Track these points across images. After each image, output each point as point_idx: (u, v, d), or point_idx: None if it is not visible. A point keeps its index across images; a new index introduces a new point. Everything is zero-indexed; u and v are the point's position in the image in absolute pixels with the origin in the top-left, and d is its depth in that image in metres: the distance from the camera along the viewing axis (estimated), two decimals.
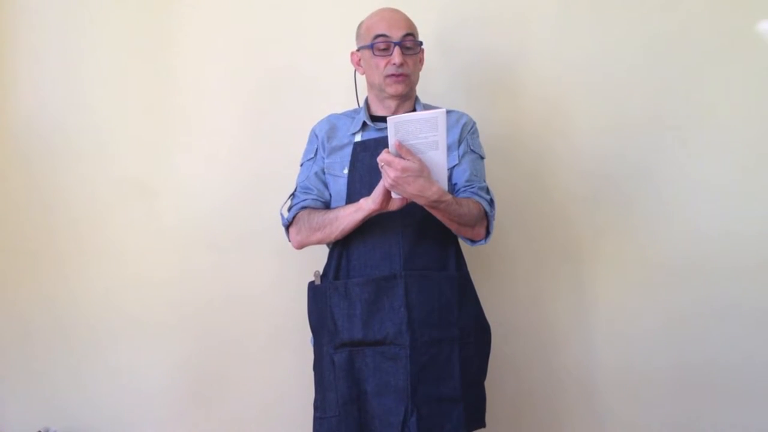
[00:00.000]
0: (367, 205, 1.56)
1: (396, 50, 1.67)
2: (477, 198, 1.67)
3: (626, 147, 2.12)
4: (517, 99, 2.14)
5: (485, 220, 1.69)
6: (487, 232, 1.71)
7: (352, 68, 1.81)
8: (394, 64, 1.67)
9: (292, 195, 1.77)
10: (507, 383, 2.10)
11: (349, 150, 1.71)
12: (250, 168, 2.14)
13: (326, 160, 1.74)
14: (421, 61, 1.77)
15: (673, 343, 2.11)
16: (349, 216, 1.60)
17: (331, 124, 1.78)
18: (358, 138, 1.72)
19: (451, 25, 2.13)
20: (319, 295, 1.70)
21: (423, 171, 1.48)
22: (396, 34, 1.67)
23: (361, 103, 1.81)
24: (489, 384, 1.77)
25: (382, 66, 1.69)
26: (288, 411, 2.09)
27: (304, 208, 1.71)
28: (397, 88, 1.70)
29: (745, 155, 2.10)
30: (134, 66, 2.13)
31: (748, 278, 2.09)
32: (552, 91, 2.13)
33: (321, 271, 1.75)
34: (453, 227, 1.63)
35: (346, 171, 1.70)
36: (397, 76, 1.68)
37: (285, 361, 2.11)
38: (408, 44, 1.69)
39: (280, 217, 1.76)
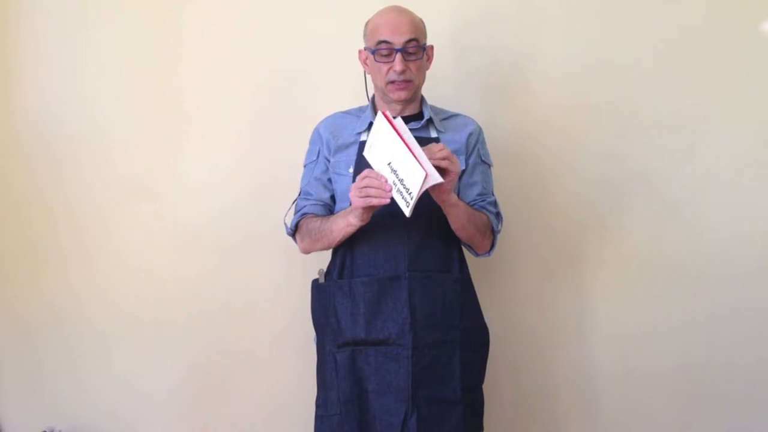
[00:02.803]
0: (355, 221, 1.57)
1: (398, 57, 1.64)
2: (485, 212, 1.72)
3: (631, 149, 2.12)
4: (524, 101, 2.13)
5: (492, 234, 1.73)
6: (492, 245, 1.74)
7: (357, 70, 1.79)
8: (395, 71, 1.65)
9: (295, 201, 1.79)
10: (506, 386, 2.11)
11: (354, 149, 1.71)
12: (253, 169, 2.13)
13: (332, 159, 1.74)
14: (430, 59, 1.75)
15: (674, 346, 2.11)
16: (341, 230, 1.62)
17: (336, 122, 1.78)
18: (364, 137, 1.72)
19: (461, 26, 2.11)
20: (322, 294, 1.71)
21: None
22: (398, 40, 1.64)
23: (370, 99, 1.80)
24: (487, 387, 1.76)
25: (385, 71, 1.67)
26: (293, 411, 2.08)
27: (304, 215, 1.73)
28: (399, 95, 1.69)
29: (749, 157, 2.09)
30: (137, 67, 2.13)
31: (750, 281, 2.09)
32: (558, 93, 2.12)
33: (325, 269, 1.75)
34: (470, 230, 1.64)
35: (351, 170, 1.69)
36: (399, 83, 1.67)
37: (289, 362, 2.11)
38: (411, 50, 1.66)
39: (283, 223, 1.78)
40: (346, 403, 1.63)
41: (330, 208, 1.75)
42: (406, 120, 1.72)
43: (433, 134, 1.73)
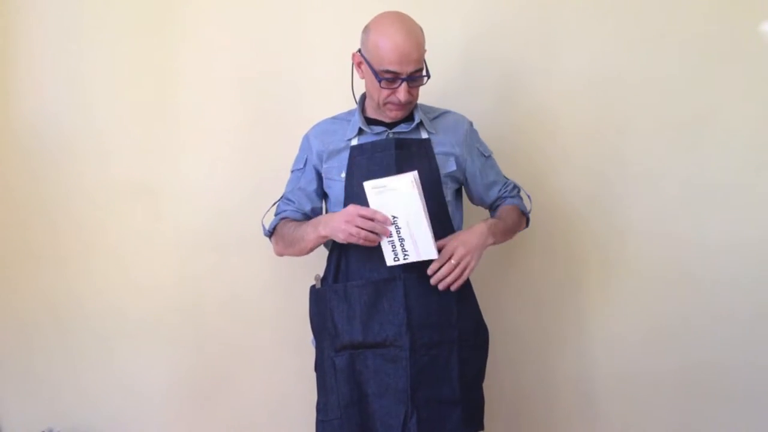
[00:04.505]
0: (327, 235, 1.61)
1: (404, 87, 1.60)
2: (509, 201, 1.80)
3: (628, 150, 2.10)
4: (519, 100, 2.12)
5: (524, 216, 1.84)
6: (527, 223, 1.86)
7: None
8: (399, 99, 1.62)
9: (276, 203, 1.81)
10: (505, 386, 2.11)
11: (345, 154, 1.70)
12: (251, 170, 2.13)
13: (324, 165, 1.73)
14: None
15: (674, 347, 2.11)
16: (312, 241, 1.66)
17: (326, 129, 1.77)
18: (354, 142, 1.71)
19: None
20: (319, 299, 1.71)
21: (468, 243, 1.60)
22: (406, 70, 1.58)
23: (357, 99, 1.79)
24: (488, 387, 1.77)
25: (386, 95, 1.64)
26: (290, 412, 2.10)
27: (283, 218, 1.75)
28: (396, 115, 1.68)
29: (749, 158, 2.07)
30: (136, 67, 2.12)
31: (749, 282, 2.08)
32: (554, 93, 2.10)
33: (322, 274, 1.76)
34: (512, 235, 1.77)
35: (343, 175, 1.69)
36: (398, 104, 1.65)
37: (286, 363, 2.12)
38: (416, 76, 1.61)
39: (261, 224, 1.79)
40: (347, 407, 1.63)
41: (310, 218, 1.76)
42: (397, 122, 1.73)
43: (424, 135, 1.72)
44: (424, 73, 1.64)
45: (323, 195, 1.79)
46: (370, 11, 1.68)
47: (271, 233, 1.78)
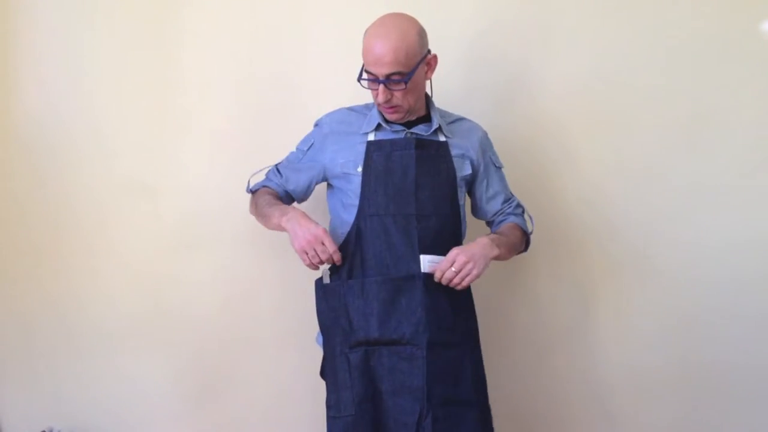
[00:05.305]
0: (287, 227, 1.63)
1: (381, 88, 1.62)
2: (513, 219, 1.80)
3: (628, 150, 2.12)
4: (519, 101, 2.13)
5: (526, 236, 1.81)
6: (526, 246, 1.84)
7: (356, 70, 1.75)
8: (378, 100, 1.65)
9: (269, 169, 1.83)
10: (513, 387, 2.13)
11: (361, 148, 1.70)
12: (252, 168, 2.07)
13: (333, 146, 1.73)
14: (431, 68, 1.70)
15: (676, 345, 2.14)
16: (274, 225, 1.70)
17: (342, 118, 1.76)
18: (371, 137, 1.71)
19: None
20: (330, 294, 1.70)
21: (469, 252, 1.60)
22: (380, 72, 1.60)
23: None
24: (491, 386, 1.79)
25: (374, 94, 1.67)
26: (293, 411, 2.10)
27: (266, 186, 1.79)
28: (391, 117, 1.69)
29: (747, 157, 2.10)
30: (138, 65, 2.09)
31: (751, 280, 2.11)
32: (554, 94, 2.11)
33: (328, 268, 1.73)
34: (513, 254, 1.78)
35: (359, 169, 1.68)
36: (387, 107, 1.66)
37: (290, 361, 2.11)
38: (394, 79, 1.60)
39: (248, 180, 1.83)
40: (361, 404, 1.62)
41: (290, 197, 1.82)
42: (414, 123, 1.73)
43: (441, 138, 1.73)
44: (406, 78, 1.62)
45: (327, 184, 1.80)
46: (371, 11, 1.69)
47: (252, 192, 1.82)
